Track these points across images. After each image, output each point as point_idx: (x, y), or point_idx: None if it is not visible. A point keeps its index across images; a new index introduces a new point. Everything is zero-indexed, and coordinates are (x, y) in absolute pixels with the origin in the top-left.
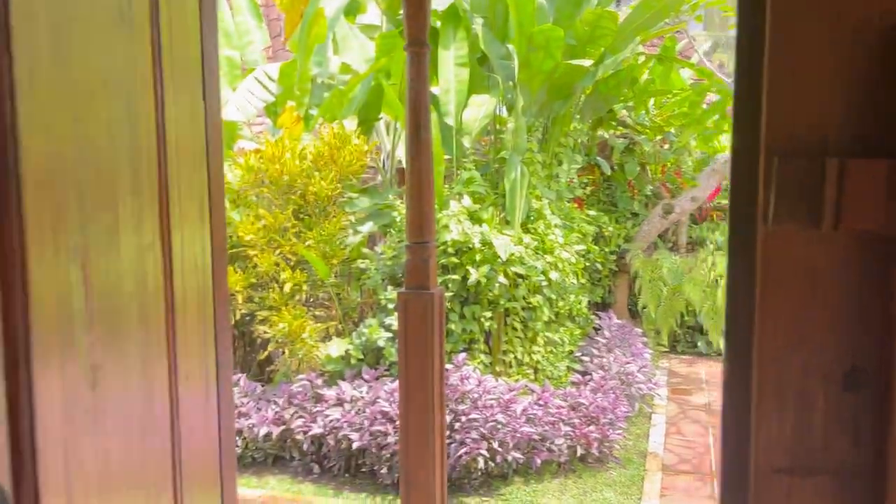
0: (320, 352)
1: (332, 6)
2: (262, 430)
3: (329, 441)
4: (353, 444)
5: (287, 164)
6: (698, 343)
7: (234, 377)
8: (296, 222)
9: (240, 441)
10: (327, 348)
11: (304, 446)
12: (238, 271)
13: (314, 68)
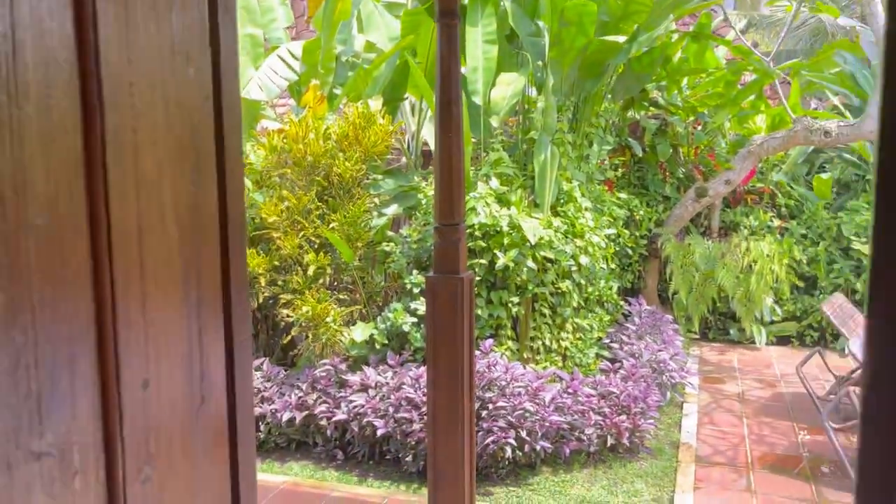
0: (344, 336)
1: None
2: (286, 416)
3: (353, 427)
4: (378, 431)
5: (311, 144)
6: (730, 330)
7: (257, 361)
8: (319, 204)
9: (262, 426)
10: (351, 333)
11: (327, 432)
12: (261, 254)
13: (338, 46)
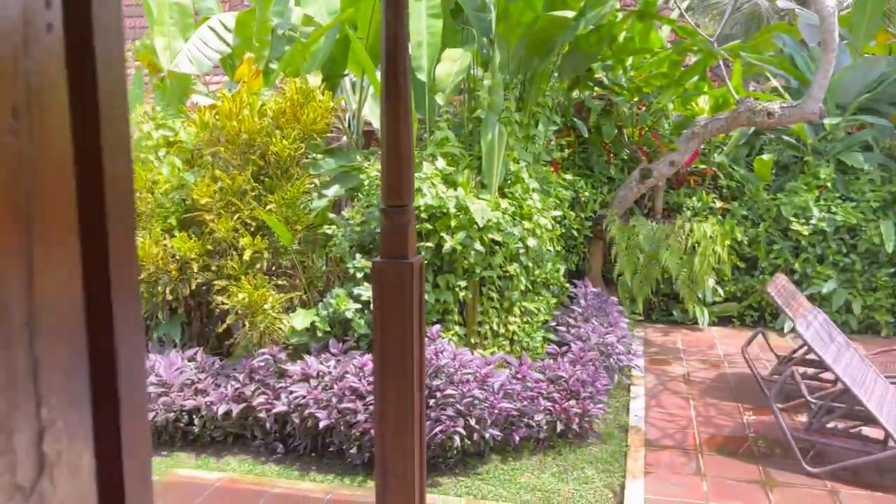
0: (283, 324)
1: None
2: (222, 408)
3: (294, 419)
4: (321, 423)
5: (245, 121)
6: (673, 312)
7: (191, 351)
8: (255, 185)
9: (197, 420)
10: (291, 320)
11: (266, 425)
12: (193, 238)
13: (274, 19)
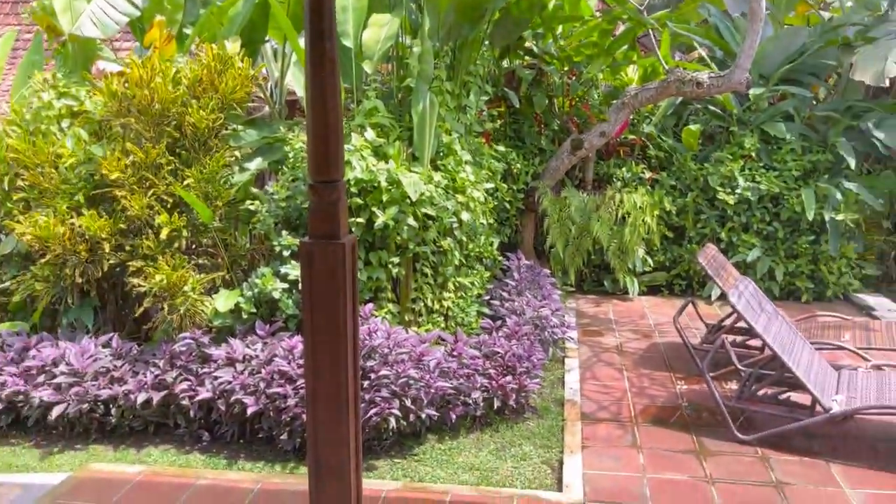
0: (206, 306)
1: None
2: (141, 397)
3: (220, 406)
4: (248, 409)
5: (158, 89)
6: (604, 282)
7: (105, 337)
8: (171, 158)
9: (114, 410)
10: (214, 302)
11: (191, 413)
12: (103, 216)
13: None
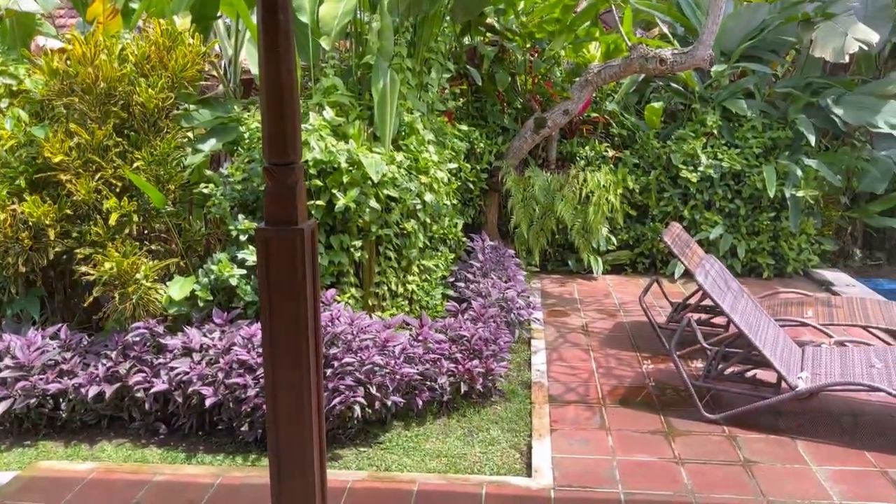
0: (160, 294)
1: None
2: (92, 390)
3: (176, 398)
4: (207, 400)
5: (103, 67)
6: (568, 262)
7: (53, 328)
8: (119, 139)
9: (64, 404)
10: (168, 289)
11: (146, 405)
12: (47, 201)
13: None
